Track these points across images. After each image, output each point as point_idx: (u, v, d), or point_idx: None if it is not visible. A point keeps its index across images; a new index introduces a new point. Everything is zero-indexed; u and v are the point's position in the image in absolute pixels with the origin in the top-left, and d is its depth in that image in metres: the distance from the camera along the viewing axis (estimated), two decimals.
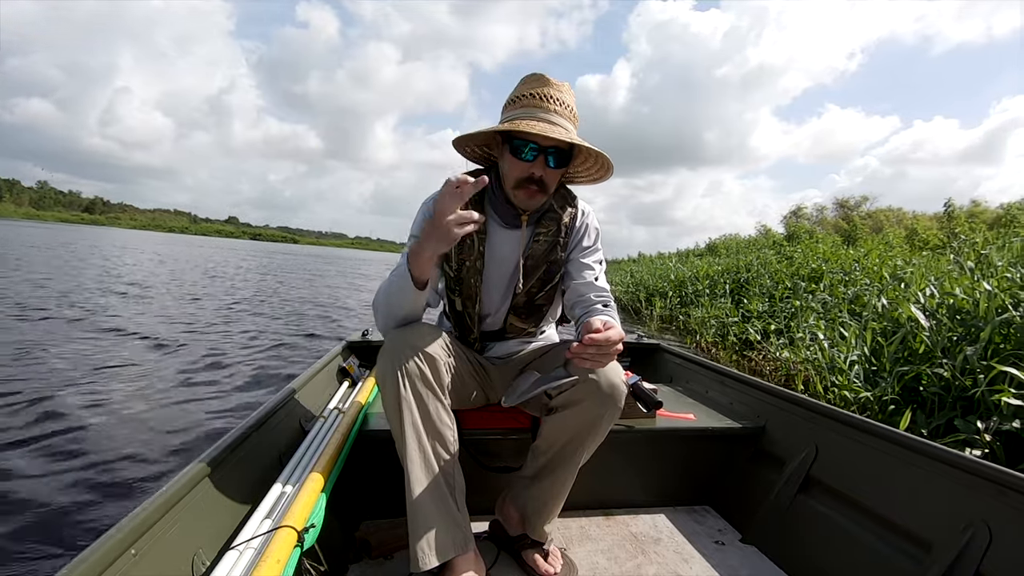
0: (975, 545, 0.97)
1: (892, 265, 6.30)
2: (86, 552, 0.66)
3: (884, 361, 3.11)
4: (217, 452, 0.99)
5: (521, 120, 1.11)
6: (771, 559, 1.34)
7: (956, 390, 2.60)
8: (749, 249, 13.53)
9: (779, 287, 6.89)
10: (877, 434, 1.24)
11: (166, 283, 10.56)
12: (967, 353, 2.59)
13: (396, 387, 1.02)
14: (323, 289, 12.72)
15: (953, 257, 6.15)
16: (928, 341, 2.87)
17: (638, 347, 2.34)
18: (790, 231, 17.17)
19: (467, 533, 1.05)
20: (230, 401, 3.24)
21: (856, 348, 3.42)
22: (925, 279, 4.39)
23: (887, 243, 10.64)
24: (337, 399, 1.60)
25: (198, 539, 0.85)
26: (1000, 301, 2.83)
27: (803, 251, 9.37)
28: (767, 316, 6.01)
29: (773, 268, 8.19)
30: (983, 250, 5.91)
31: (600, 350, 0.94)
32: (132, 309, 6.71)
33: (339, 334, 6.06)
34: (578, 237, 1.29)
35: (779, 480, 1.41)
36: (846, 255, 8.03)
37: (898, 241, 11.56)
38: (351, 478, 1.25)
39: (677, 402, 1.78)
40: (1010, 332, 2.68)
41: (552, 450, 1.16)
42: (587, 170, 1.28)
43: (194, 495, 0.89)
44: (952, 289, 3.32)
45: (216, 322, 6.24)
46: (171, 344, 4.71)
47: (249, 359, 4.42)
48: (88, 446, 2.41)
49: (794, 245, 11.60)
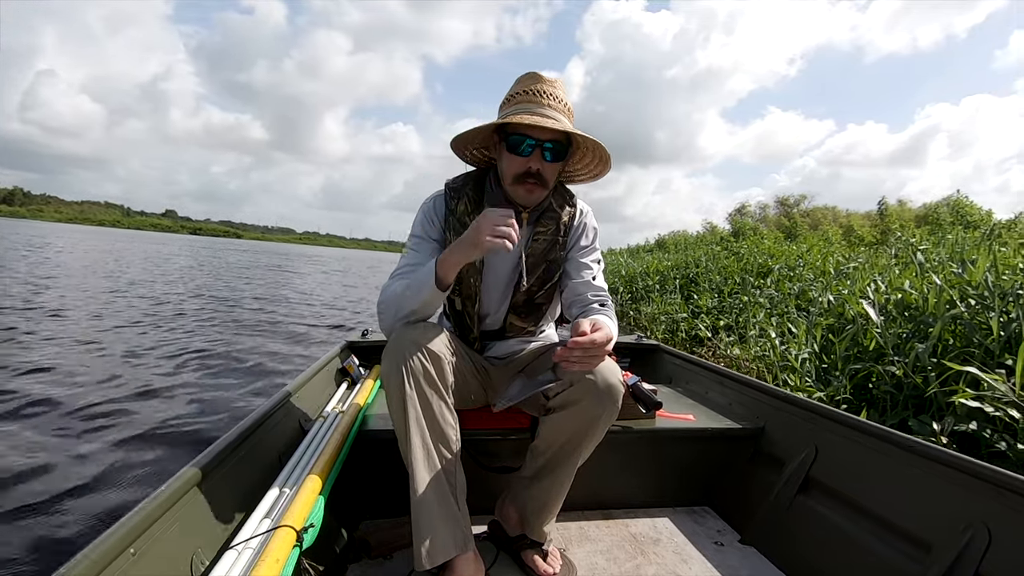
0: (975, 546, 0.97)
1: (835, 260, 6.42)
2: (86, 551, 0.67)
3: (835, 359, 3.04)
4: (217, 452, 0.98)
5: (515, 115, 1.10)
6: (771, 560, 1.34)
7: (908, 389, 2.53)
8: (697, 245, 13.76)
9: (728, 282, 6.91)
10: (877, 435, 1.23)
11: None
12: (918, 351, 2.53)
13: (401, 385, 1.03)
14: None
15: (892, 252, 6.35)
16: (879, 338, 2.80)
17: (637, 348, 2.31)
18: (736, 228, 17.65)
19: (467, 533, 1.06)
20: (230, 401, 3.25)
21: (807, 345, 3.35)
22: (869, 274, 4.42)
23: (826, 239, 11.01)
24: (336, 399, 1.59)
25: (197, 538, 0.86)
26: (948, 296, 2.79)
27: (749, 247, 9.53)
28: (716, 312, 5.99)
29: (721, 264, 8.26)
30: (920, 245, 6.11)
31: (586, 353, 0.93)
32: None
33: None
34: (577, 236, 1.30)
35: (779, 481, 1.41)
36: (790, 251, 8.19)
37: (836, 238, 12.01)
38: (350, 478, 1.25)
39: (676, 403, 1.77)
40: (958, 328, 2.64)
41: (551, 450, 1.17)
42: (585, 166, 1.29)
43: (193, 494, 0.89)
44: (901, 284, 3.29)
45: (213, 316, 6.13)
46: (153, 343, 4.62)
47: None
48: (88, 446, 2.41)
49: (740, 241, 11.84)
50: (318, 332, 6.36)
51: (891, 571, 1.08)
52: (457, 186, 1.26)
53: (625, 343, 2.30)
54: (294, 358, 4.68)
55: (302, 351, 5.07)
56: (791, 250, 8.15)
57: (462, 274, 1.22)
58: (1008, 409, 1.89)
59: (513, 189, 1.18)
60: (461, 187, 1.26)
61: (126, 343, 4.66)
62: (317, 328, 6.70)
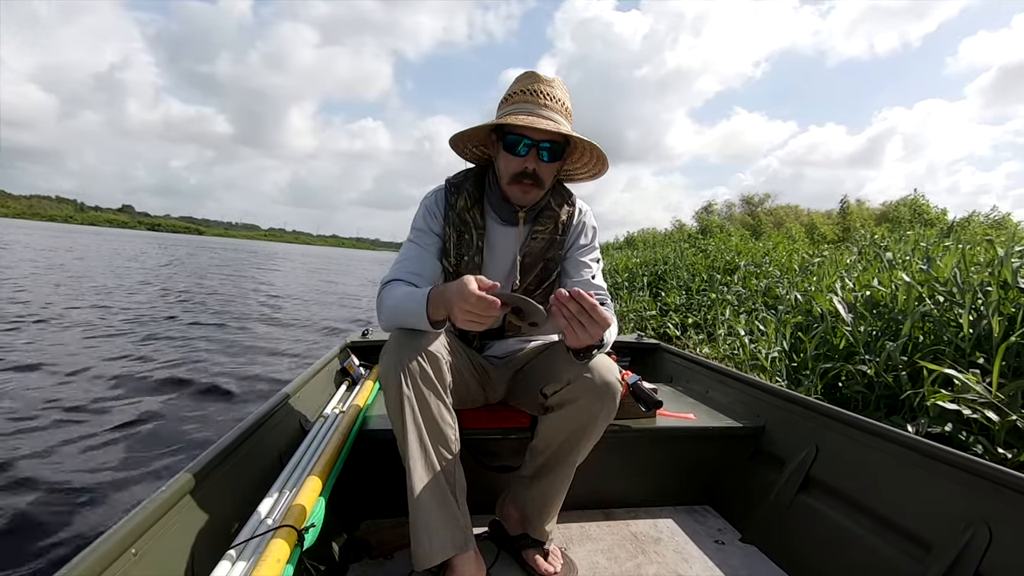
0: (975, 545, 0.96)
1: (800, 257, 6.45)
2: (86, 551, 0.66)
3: (806, 357, 2.96)
4: (217, 452, 0.98)
5: (511, 115, 1.11)
6: (771, 559, 1.33)
7: (880, 388, 2.46)
8: (666, 243, 13.82)
9: (696, 279, 6.88)
10: (877, 434, 1.23)
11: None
12: (889, 349, 2.47)
13: (398, 386, 1.02)
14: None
15: (856, 249, 6.41)
16: (850, 336, 2.73)
17: (638, 347, 2.30)
18: (703, 225, 17.86)
19: (467, 532, 1.05)
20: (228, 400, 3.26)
21: (776, 344, 3.27)
22: (836, 271, 4.39)
23: (790, 237, 11.18)
24: (337, 399, 1.59)
25: (198, 538, 0.86)
26: (917, 293, 2.74)
27: (717, 244, 9.58)
28: (684, 309, 5.93)
29: (690, 261, 8.25)
30: (882, 243, 6.18)
31: (582, 311, 0.92)
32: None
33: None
34: (575, 235, 1.30)
35: (779, 480, 1.40)
36: (756, 248, 8.24)
37: (800, 235, 12.23)
38: (351, 478, 1.25)
39: (677, 402, 1.76)
40: (926, 325, 2.59)
41: (550, 449, 1.17)
42: (584, 165, 1.29)
43: (195, 495, 0.89)
44: (869, 281, 3.24)
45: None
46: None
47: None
48: (88, 447, 2.40)
49: (707, 239, 11.93)
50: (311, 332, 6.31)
51: (891, 570, 1.08)
52: (457, 182, 1.27)
53: (625, 342, 2.28)
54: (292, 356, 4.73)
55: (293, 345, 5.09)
56: (757, 247, 8.20)
57: (461, 269, 1.23)
58: (985, 411, 1.81)
59: (509, 189, 1.19)
60: (461, 183, 1.26)
61: (121, 345, 4.60)
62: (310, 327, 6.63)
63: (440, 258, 1.25)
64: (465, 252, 1.24)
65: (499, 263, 1.27)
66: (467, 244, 1.23)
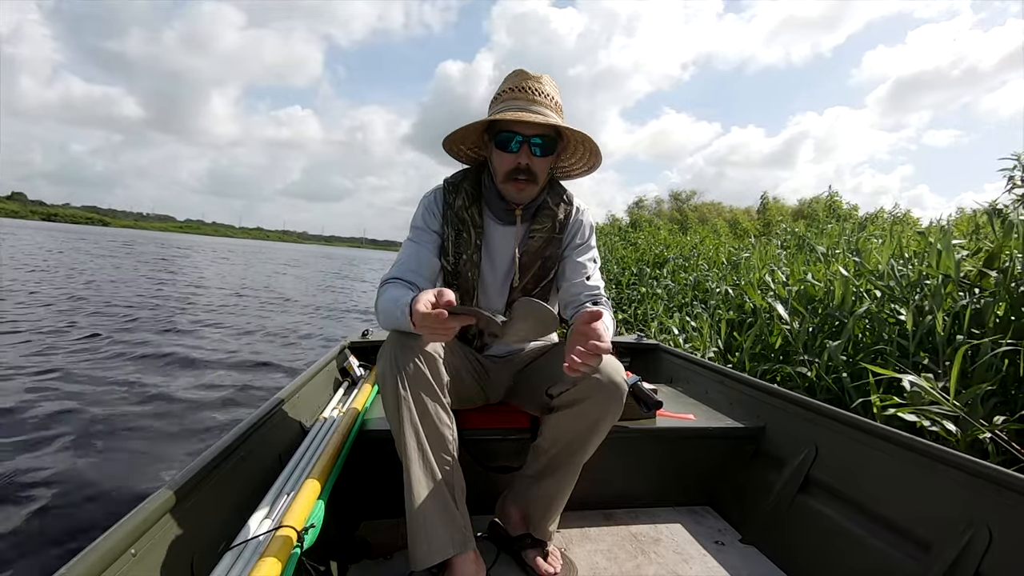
0: (975, 545, 0.96)
1: (727, 251, 6.41)
2: (86, 552, 0.66)
3: (742, 357, 2.73)
4: (217, 452, 0.97)
5: (502, 112, 1.12)
6: (771, 559, 1.33)
7: (822, 392, 2.25)
8: (600, 236, 13.78)
9: (626, 273, 6.71)
10: (877, 434, 1.22)
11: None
12: (830, 349, 2.26)
13: (396, 387, 1.02)
14: None
15: (778, 243, 6.46)
16: (788, 334, 2.52)
17: (638, 347, 2.28)
18: (633, 219, 18.12)
19: (467, 533, 1.04)
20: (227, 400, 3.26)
21: (711, 343, 3.03)
22: (765, 264, 4.27)
23: (715, 231, 11.43)
24: (337, 399, 1.57)
25: (198, 539, 0.85)
26: (854, 287, 2.57)
27: (646, 237, 9.56)
28: (615, 305, 5.72)
29: (619, 254, 8.12)
30: (804, 235, 6.24)
31: (589, 351, 0.89)
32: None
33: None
34: (572, 233, 1.30)
35: (779, 480, 1.40)
36: (684, 241, 8.23)
37: (724, 230, 12.56)
38: (351, 478, 1.24)
39: (677, 402, 1.75)
40: (864, 323, 2.41)
41: (554, 449, 1.16)
42: (579, 159, 1.29)
43: (194, 495, 0.88)
44: (803, 275, 3.06)
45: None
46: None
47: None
48: (87, 448, 2.39)
49: (637, 232, 11.99)
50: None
51: (891, 570, 1.08)
52: (456, 181, 1.27)
53: (625, 343, 2.26)
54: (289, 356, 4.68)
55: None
56: (685, 241, 8.20)
57: (460, 268, 1.24)
58: (945, 423, 1.59)
59: (504, 187, 1.19)
60: (459, 183, 1.26)
61: (116, 347, 4.48)
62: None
63: (439, 256, 1.25)
64: (463, 251, 1.24)
65: (497, 261, 1.28)
66: (465, 243, 1.23)
